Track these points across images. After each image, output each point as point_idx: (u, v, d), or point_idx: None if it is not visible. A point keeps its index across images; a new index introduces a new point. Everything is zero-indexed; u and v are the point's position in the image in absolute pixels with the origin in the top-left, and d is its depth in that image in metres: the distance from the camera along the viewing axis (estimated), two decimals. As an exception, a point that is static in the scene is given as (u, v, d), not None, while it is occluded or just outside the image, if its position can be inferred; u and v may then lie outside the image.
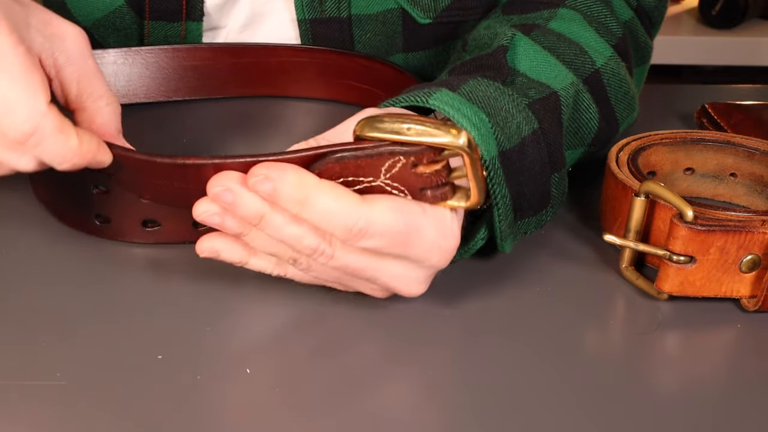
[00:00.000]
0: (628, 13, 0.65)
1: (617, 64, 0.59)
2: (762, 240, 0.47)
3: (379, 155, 0.42)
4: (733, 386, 0.44)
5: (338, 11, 0.72)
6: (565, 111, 0.53)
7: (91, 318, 0.48)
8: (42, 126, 0.43)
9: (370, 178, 0.43)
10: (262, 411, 0.42)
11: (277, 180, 0.41)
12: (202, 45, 0.72)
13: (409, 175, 0.43)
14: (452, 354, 0.46)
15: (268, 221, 0.42)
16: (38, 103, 0.43)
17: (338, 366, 0.45)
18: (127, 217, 0.52)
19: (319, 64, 0.72)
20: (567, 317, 0.49)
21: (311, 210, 0.42)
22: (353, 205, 0.42)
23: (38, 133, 0.43)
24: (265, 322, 0.48)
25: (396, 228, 0.43)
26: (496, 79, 0.51)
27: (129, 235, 0.53)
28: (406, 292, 0.46)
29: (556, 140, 0.51)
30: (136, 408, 0.41)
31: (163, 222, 0.52)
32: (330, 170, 0.43)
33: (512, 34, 0.55)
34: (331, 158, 0.42)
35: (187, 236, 0.53)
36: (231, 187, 0.42)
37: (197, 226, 0.52)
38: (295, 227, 0.42)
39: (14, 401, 0.42)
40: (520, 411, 0.42)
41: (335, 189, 0.42)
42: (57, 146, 0.44)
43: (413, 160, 0.42)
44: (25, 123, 0.42)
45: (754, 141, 0.59)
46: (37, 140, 0.43)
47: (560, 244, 0.55)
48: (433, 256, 0.44)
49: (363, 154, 0.42)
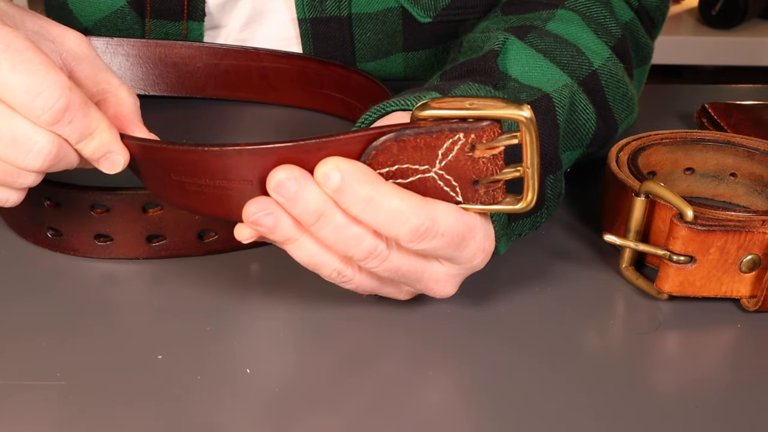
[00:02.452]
0: (629, 13, 0.65)
1: (615, 65, 0.59)
2: (762, 240, 0.47)
3: (440, 132, 0.40)
4: (733, 386, 0.44)
5: (338, 10, 0.72)
6: (560, 113, 0.53)
7: (91, 318, 0.48)
8: (72, 99, 0.42)
9: (426, 165, 0.41)
10: (263, 411, 0.42)
11: (346, 173, 0.40)
12: (184, 42, 0.72)
13: (464, 162, 0.41)
14: (451, 354, 0.46)
15: (329, 219, 0.40)
16: (63, 79, 0.42)
17: (338, 366, 0.45)
18: (78, 230, 0.51)
19: (298, 71, 0.72)
20: (567, 317, 0.49)
21: (376, 208, 0.40)
22: (419, 204, 0.41)
23: (71, 107, 0.42)
24: (265, 322, 0.48)
25: (457, 229, 0.42)
26: (487, 83, 0.51)
27: (81, 249, 0.52)
28: (442, 293, 0.45)
29: (550, 142, 0.51)
30: (136, 408, 0.41)
31: (115, 237, 0.52)
32: (387, 151, 0.41)
33: (504, 38, 0.55)
34: (390, 137, 0.41)
35: (139, 252, 0.52)
36: (296, 176, 0.40)
37: (150, 241, 0.52)
38: (356, 227, 0.41)
39: (14, 401, 0.42)
40: (519, 411, 0.42)
41: (399, 188, 0.41)
42: (86, 119, 0.43)
43: (473, 139, 0.41)
44: (60, 99, 0.41)
45: (754, 141, 0.59)
46: (71, 115, 0.42)
47: (560, 244, 0.55)
48: (477, 257, 0.44)
49: (423, 130, 0.40)
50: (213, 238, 0.53)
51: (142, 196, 0.51)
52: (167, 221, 0.51)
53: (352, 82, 0.70)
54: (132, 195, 0.50)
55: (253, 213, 0.41)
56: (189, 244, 0.52)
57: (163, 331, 0.47)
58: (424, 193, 0.42)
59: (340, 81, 0.71)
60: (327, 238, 0.41)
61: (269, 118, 0.73)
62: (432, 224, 0.41)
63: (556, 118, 0.53)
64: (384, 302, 0.48)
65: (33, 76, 0.41)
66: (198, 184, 0.43)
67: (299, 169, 0.40)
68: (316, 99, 0.73)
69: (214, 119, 0.71)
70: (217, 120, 0.71)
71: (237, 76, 0.73)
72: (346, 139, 0.41)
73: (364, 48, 0.74)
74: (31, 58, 0.42)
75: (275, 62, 0.72)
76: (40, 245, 0.53)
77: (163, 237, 0.52)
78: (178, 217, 0.51)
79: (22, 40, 0.42)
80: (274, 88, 0.73)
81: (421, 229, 0.41)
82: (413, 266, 0.43)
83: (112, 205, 0.51)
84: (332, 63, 0.71)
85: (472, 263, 0.44)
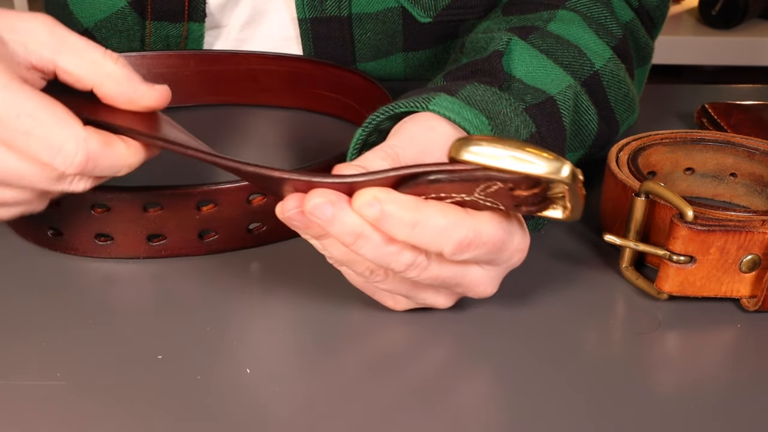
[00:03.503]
0: (629, 14, 0.65)
1: (616, 66, 0.59)
2: (762, 240, 0.47)
3: (475, 180, 0.39)
4: (733, 386, 0.44)
5: (338, 10, 0.72)
6: (565, 114, 0.53)
7: (91, 318, 0.48)
8: (91, 148, 0.43)
9: (463, 194, 0.41)
10: (262, 411, 0.42)
11: (385, 202, 0.40)
12: (170, 52, 0.71)
13: (504, 196, 0.40)
14: (452, 354, 0.46)
15: (368, 239, 0.40)
16: (77, 130, 0.42)
17: (338, 366, 0.45)
18: (78, 230, 0.51)
19: (289, 72, 0.72)
20: (567, 317, 0.49)
21: (423, 231, 0.40)
22: (462, 219, 0.40)
23: (91, 157, 0.43)
24: (265, 321, 0.48)
25: (498, 236, 0.42)
26: (492, 84, 0.51)
27: (81, 249, 0.52)
28: (482, 294, 0.45)
29: (556, 144, 0.51)
30: (136, 408, 0.41)
31: (115, 236, 0.52)
32: (422, 189, 0.40)
33: (508, 39, 0.55)
34: (423, 179, 0.40)
35: (140, 251, 0.52)
36: (332, 200, 0.40)
37: (150, 240, 0.52)
38: (392, 246, 0.41)
39: (14, 401, 0.42)
40: (519, 410, 0.42)
41: (440, 205, 0.41)
42: (110, 160, 0.44)
43: (510, 186, 0.39)
44: (78, 153, 0.42)
45: (754, 141, 0.59)
46: (93, 163, 0.43)
47: (560, 244, 0.55)
48: (515, 256, 0.44)
49: (458, 177, 0.39)
50: (213, 237, 0.53)
51: (143, 195, 0.51)
52: (167, 221, 0.51)
53: (346, 82, 0.70)
54: (132, 194, 0.50)
55: (290, 209, 0.41)
56: (189, 244, 0.52)
57: (163, 331, 0.47)
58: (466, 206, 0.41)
59: (335, 81, 0.71)
60: (366, 254, 0.41)
61: (263, 121, 0.72)
62: (475, 236, 0.41)
63: (561, 120, 0.53)
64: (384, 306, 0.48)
65: (49, 138, 0.42)
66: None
67: (335, 193, 0.40)
68: (309, 99, 0.73)
69: (207, 125, 0.71)
70: (210, 125, 0.71)
71: (227, 81, 0.73)
72: (380, 180, 0.40)
73: (364, 48, 0.74)
74: (42, 116, 0.42)
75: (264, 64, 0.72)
76: (40, 245, 0.53)
77: (163, 236, 0.52)
78: (179, 217, 0.51)
79: (24, 97, 0.42)
80: (266, 90, 0.73)
81: (465, 241, 0.41)
82: (453, 272, 0.43)
83: (112, 204, 0.51)
84: (325, 63, 0.71)
85: (510, 262, 0.44)
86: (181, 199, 0.51)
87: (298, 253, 0.53)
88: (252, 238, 0.54)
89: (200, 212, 0.52)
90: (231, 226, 0.53)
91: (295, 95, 0.73)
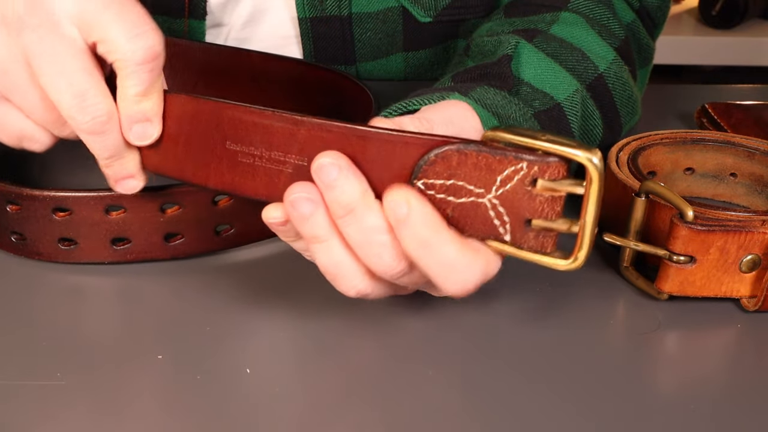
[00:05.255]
0: (631, 15, 0.65)
1: (620, 68, 0.59)
2: (762, 240, 0.47)
3: (503, 156, 0.39)
4: (733, 386, 0.44)
5: (339, 9, 0.72)
6: (573, 121, 0.53)
7: (91, 318, 0.48)
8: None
9: (482, 189, 0.40)
10: (262, 411, 0.42)
11: (414, 210, 0.39)
12: (176, 39, 0.70)
13: (521, 196, 0.39)
14: (451, 353, 0.46)
15: (358, 217, 0.39)
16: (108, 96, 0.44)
17: (338, 366, 0.45)
18: (41, 234, 0.50)
19: (288, 74, 0.71)
20: (567, 317, 0.49)
21: (431, 253, 0.39)
22: (474, 260, 0.40)
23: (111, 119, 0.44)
24: (266, 321, 0.48)
25: (494, 273, 0.41)
26: (502, 88, 0.51)
27: (45, 253, 0.51)
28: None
29: None
30: (136, 408, 0.41)
31: (78, 240, 0.50)
32: (447, 160, 0.39)
33: (516, 42, 0.55)
34: (452, 147, 0.39)
35: (104, 255, 0.51)
36: (341, 164, 0.39)
37: (114, 244, 0.51)
38: (385, 235, 0.39)
39: (14, 401, 0.42)
40: (519, 410, 0.42)
41: (458, 239, 0.40)
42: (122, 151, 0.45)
43: (536, 171, 0.39)
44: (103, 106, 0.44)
45: (754, 141, 0.59)
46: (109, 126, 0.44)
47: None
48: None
49: (487, 149, 0.39)
50: (180, 240, 0.52)
51: (105, 198, 0.49)
52: (131, 224, 0.50)
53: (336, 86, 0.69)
54: (95, 197, 0.49)
55: (295, 193, 0.40)
56: (155, 247, 0.51)
57: (162, 331, 0.47)
58: (472, 220, 0.40)
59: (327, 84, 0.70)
60: (351, 236, 0.40)
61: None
62: (482, 279, 0.40)
63: (569, 126, 0.53)
64: (383, 303, 0.48)
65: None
66: (252, 156, 0.42)
67: (346, 159, 0.40)
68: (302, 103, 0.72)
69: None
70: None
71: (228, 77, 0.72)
72: (412, 138, 0.40)
73: (364, 47, 0.74)
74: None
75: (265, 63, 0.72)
76: (4, 249, 0.52)
77: (128, 240, 0.51)
78: (143, 219, 0.50)
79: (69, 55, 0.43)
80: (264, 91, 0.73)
81: (469, 287, 0.40)
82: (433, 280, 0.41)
83: (74, 207, 0.49)
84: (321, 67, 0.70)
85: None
86: (145, 200, 0.50)
87: (272, 255, 0.53)
88: (220, 241, 0.52)
89: (165, 214, 0.50)
90: (197, 229, 0.52)
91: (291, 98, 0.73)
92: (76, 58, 0.43)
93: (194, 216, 0.51)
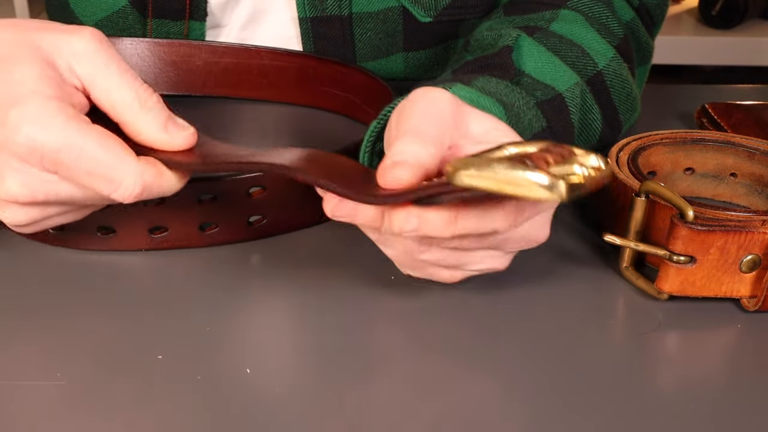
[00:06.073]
0: (630, 13, 0.65)
1: (619, 65, 0.59)
2: (762, 240, 0.47)
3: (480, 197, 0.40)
4: (733, 386, 0.44)
5: (339, 9, 0.72)
6: (573, 112, 0.53)
7: (91, 318, 0.48)
8: (146, 180, 0.44)
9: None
10: (263, 411, 0.42)
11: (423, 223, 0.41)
12: (183, 41, 0.72)
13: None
14: (452, 353, 0.46)
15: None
16: (134, 165, 0.43)
17: (339, 365, 0.45)
18: (80, 223, 0.51)
19: (298, 69, 0.72)
20: (567, 317, 0.49)
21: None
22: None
23: (146, 188, 0.44)
24: (266, 321, 0.48)
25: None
26: (504, 78, 0.51)
27: (83, 243, 0.52)
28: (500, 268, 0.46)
29: (565, 140, 0.51)
30: (136, 408, 0.41)
31: (117, 229, 0.52)
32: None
33: (517, 35, 0.56)
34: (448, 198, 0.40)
35: (141, 244, 0.52)
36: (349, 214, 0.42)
37: (152, 233, 0.52)
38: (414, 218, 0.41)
39: (14, 401, 0.42)
40: (519, 410, 0.42)
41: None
42: (162, 188, 0.45)
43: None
44: (135, 186, 0.44)
45: (754, 141, 0.59)
46: (148, 192, 0.44)
47: (560, 244, 0.55)
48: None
49: (469, 196, 0.39)
50: (215, 230, 0.53)
51: None
52: (169, 213, 0.52)
53: (351, 79, 0.70)
54: None
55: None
56: (190, 236, 0.53)
57: (163, 331, 0.47)
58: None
59: (340, 78, 0.71)
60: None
61: (269, 116, 0.72)
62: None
63: (569, 117, 0.53)
64: (384, 300, 0.48)
65: (108, 175, 0.43)
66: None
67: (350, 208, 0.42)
68: (315, 96, 0.73)
69: (214, 117, 0.71)
70: (217, 118, 0.71)
71: (237, 74, 0.73)
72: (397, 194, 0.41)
73: (364, 47, 0.74)
74: (100, 157, 0.43)
75: (275, 60, 0.72)
76: (40, 241, 0.53)
77: (165, 228, 0.52)
78: (180, 209, 0.52)
79: (78, 135, 0.42)
80: (274, 86, 0.73)
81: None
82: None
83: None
84: (332, 60, 0.71)
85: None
86: (182, 191, 0.51)
87: (298, 247, 0.54)
88: (253, 231, 0.54)
89: (201, 204, 0.52)
90: (231, 219, 0.53)
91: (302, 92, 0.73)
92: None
93: (229, 206, 0.52)
